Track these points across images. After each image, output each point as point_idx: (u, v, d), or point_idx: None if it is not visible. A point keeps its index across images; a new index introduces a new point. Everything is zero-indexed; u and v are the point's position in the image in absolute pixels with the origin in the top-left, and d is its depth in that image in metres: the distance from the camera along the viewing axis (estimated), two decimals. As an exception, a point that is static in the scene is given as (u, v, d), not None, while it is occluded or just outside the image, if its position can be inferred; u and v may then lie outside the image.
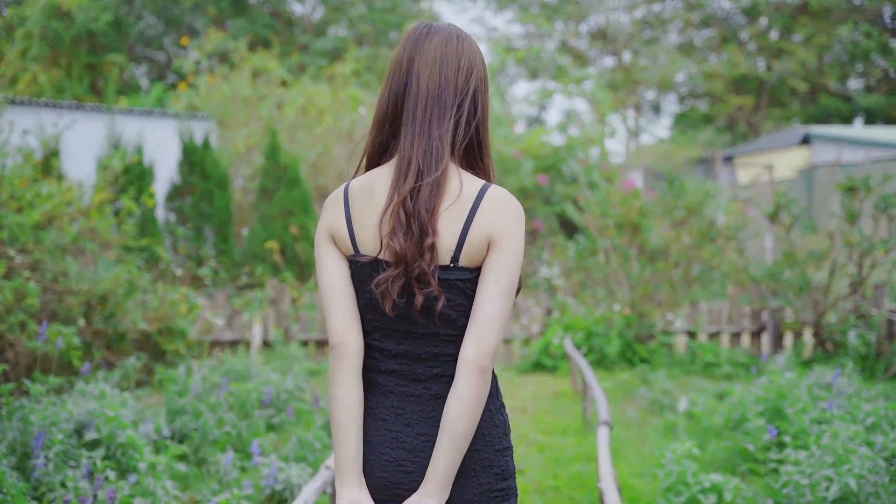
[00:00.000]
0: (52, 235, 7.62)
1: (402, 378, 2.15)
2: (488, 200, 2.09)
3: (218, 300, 9.81)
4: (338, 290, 2.15)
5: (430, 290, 2.05)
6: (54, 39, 23.87)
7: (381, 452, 2.13)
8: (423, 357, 2.13)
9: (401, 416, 2.14)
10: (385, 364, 2.16)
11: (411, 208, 2.05)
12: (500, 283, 2.05)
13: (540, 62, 30.78)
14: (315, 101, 15.46)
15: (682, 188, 9.66)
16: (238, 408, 6.25)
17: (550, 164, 17.36)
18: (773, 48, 32.46)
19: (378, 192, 2.13)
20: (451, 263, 2.07)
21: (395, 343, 2.14)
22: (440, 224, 2.06)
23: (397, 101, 2.16)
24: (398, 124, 2.16)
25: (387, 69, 2.22)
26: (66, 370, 7.57)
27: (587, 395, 6.92)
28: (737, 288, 10.32)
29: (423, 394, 2.13)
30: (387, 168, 2.17)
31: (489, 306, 2.04)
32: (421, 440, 2.11)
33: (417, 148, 2.10)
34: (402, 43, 2.20)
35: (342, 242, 2.17)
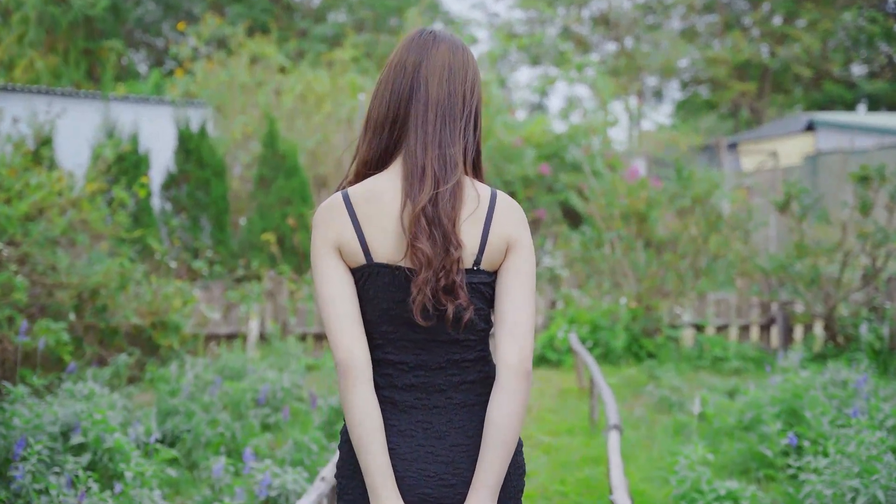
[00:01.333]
0: (41, 227, 7.37)
1: (422, 391, 2.10)
2: (501, 204, 2.11)
3: (214, 292, 9.57)
4: (342, 303, 2.07)
5: (459, 301, 2.03)
6: (51, 25, 23.59)
7: (420, 468, 2.07)
8: (442, 365, 2.10)
9: (430, 430, 2.10)
10: (402, 379, 2.10)
11: (431, 215, 2.02)
12: (528, 284, 2.08)
13: (542, 48, 30.47)
14: (314, 88, 15.18)
15: (690, 178, 9.39)
16: (232, 408, 6.02)
17: (553, 151, 17.09)
18: (776, 34, 32.12)
19: (387, 198, 2.08)
20: (475, 266, 2.07)
21: (412, 354, 2.10)
22: (463, 231, 2.05)
23: (400, 106, 2.12)
24: (402, 129, 2.12)
25: (385, 71, 2.18)
26: (57, 366, 7.35)
27: (594, 394, 6.69)
28: (745, 279, 10.06)
29: (447, 404, 2.10)
30: (390, 174, 2.11)
31: (523, 308, 2.06)
32: (457, 451, 2.08)
33: (431, 155, 2.07)
34: (405, 46, 2.18)
35: (351, 252, 2.08)
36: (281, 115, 14.52)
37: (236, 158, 14.27)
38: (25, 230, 7.37)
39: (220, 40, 21.37)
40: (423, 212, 2.02)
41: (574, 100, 31.41)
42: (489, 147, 15.97)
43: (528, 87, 26.50)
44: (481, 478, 2.02)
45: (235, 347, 8.52)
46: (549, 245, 14.71)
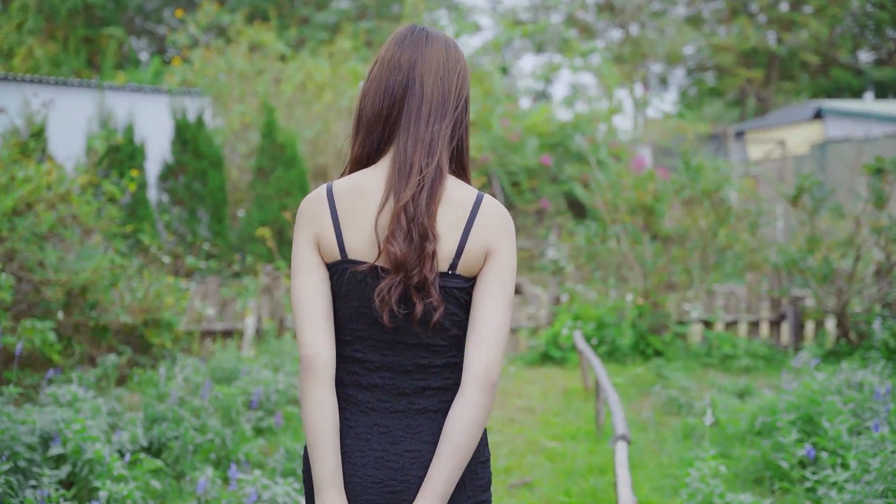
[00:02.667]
0: (28, 222, 7.12)
1: (386, 393, 2.08)
2: (486, 209, 2.07)
3: (209, 288, 9.32)
4: (314, 299, 2.06)
5: (430, 300, 2.00)
6: (51, 12, 23.34)
7: (367, 474, 2.06)
8: (409, 369, 2.07)
9: (385, 434, 2.07)
10: (367, 378, 2.08)
11: (412, 212, 2.00)
12: (503, 292, 2.05)
13: (546, 35, 30.12)
14: (314, 77, 14.89)
15: (699, 170, 9.11)
16: (223, 413, 5.77)
17: (557, 141, 16.81)
18: (784, 20, 31.74)
19: (370, 194, 2.07)
20: (450, 271, 2.04)
21: (379, 354, 2.08)
22: (439, 229, 2.02)
23: (394, 103, 2.11)
24: (394, 126, 2.11)
25: (377, 69, 2.15)
26: (45, 366, 7.11)
27: (600, 397, 6.43)
28: (754, 273, 9.79)
29: (408, 409, 2.08)
30: (377, 169, 2.10)
31: (496, 318, 2.03)
32: (408, 458, 2.06)
33: (420, 152, 2.06)
34: (397, 43, 2.16)
35: (327, 247, 2.07)
36: (280, 104, 14.25)
37: (235, 149, 14.01)
38: (12, 225, 7.12)
39: (219, 28, 21.08)
40: (404, 208, 2.00)
41: (578, 88, 31.10)
42: (491, 137, 15.69)
43: (532, 75, 26.14)
44: (428, 486, 2.01)
45: (229, 348, 8.28)
46: (553, 237, 14.45)
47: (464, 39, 19.30)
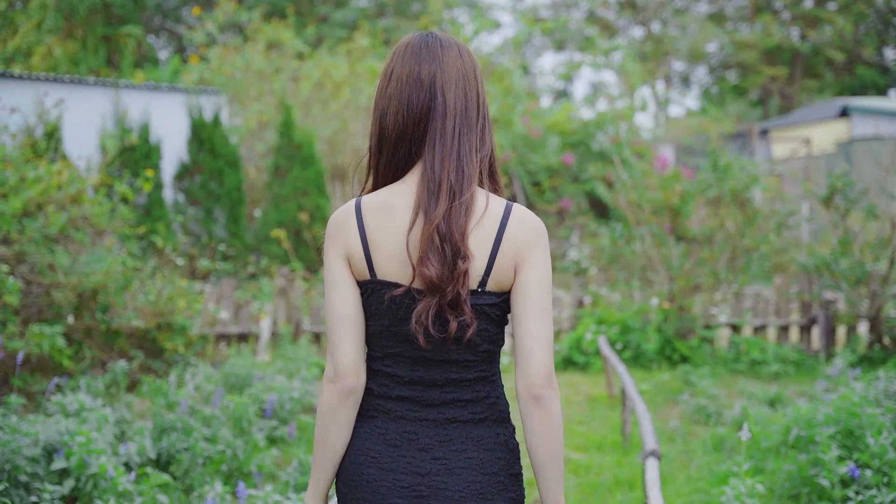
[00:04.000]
0: (38, 223, 6.94)
1: (415, 404, 2.08)
2: (513, 222, 2.04)
3: (224, 290, 9.13)
4: (350, 318, 2.06)
5: (463, 318, 2.00)
6: (69, 11, 23.22)
7: (395, 479, 2.06)
8: (439, 383, 2.07)
9: (415, 442, 2.08)
10: (397, 390, 2.08)
11: (445, 231, 1.98)
12: (541, 301, 2.03)
13: (567, 33, 29.83)
14: (332, 75, 14.69)
15: (727, 169, 8.83)
16: (234, 422, 5.56)
17: (579, 139, 16.53)
18: (808, 17, 31.31)
19: (398, 212, 2.04)
20: (479, 288, 2.03)
21: (409, 369, 2.07)
22: (471, 245, 2.00)
23: (419, 120, 2.05)
24: (420, 142, 2.06)
25: (394, 85, 2.07)
26: (56, 371, 6.93)
27: (626, 406, 6.19)
28: (783, 276, 9.50)
29: (438, 418, 2.08)
30: (403, 186, 2.06)
31: (539, 329, 2.02)
32: (436, 465, 2.07)
33: (448, 168, 2.02)
34: (413, 56, 2.08)
35: (357, 264, 2.05)
36: (297, 102, 14.06)
37: (252, 148, 13.83)
38: (21, 227, 6.95)
39: (236, 26, 20.91)
40: (437, 228, 1.97)
41: (599, 86, 30.79)
42: (512, 135, 15.44)
43: (553, 73, 25.86)
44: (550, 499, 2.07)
45: (246, 349, 8.09)
46: (574, 237, 14.19)
47: (483, 37, 19.07)
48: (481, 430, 2.09)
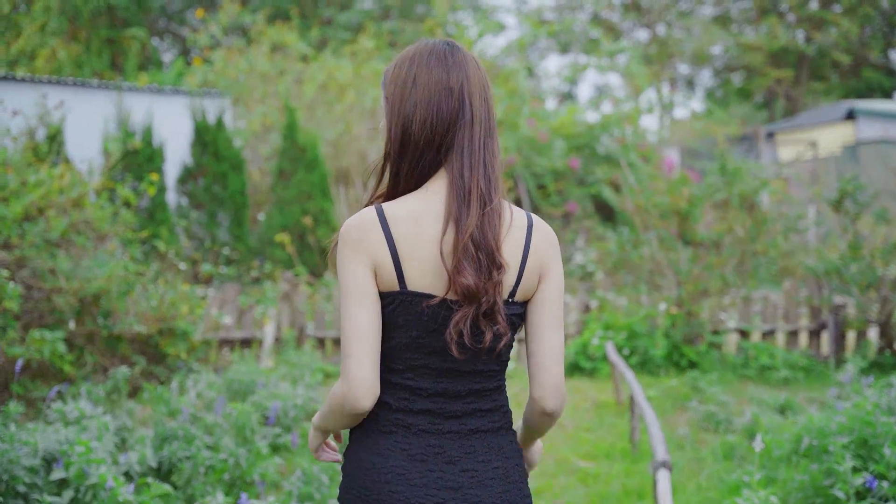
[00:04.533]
0: (39, 228, 6.86)
1: (437, 416, 2.05)
2: (538, 232, 2.09)
3: (228, 294, 9.05)
4: (375, 333, 1.99)
5: (497, 327, 2.00)
6: (73, 13, 23.18)
7: (429, 494, 2.02)
8: (462, 394, 2.05)
9: (441, 455, 2.04)
10: (418, 403, 2.04)
11: (479, 239, 1.97)
12: (558, 312, 2.08)
13: (571, 35, 29.74)
14: (336, 77, 14.61)
15: (736, 173, 8.73)
16: (237, 430, 5.47)
17: (584, 142, 16.44)
18: (814, 19, 31.19)
19: (427, 220, 2.00)
20: (510, 298, 2.05)
21: (433, 382, 2.04)
22: (504, 255, 2.01)
23: (449, 127, 2.03)
24: (448, 149, 2.04)
25: (422, 91, 2.05)
26: (57, 377, 6.86)
27: (635, 413, 6.09)
28: (792, 281, 9.40)
29: (461, 430, 2.06)
30: (427, 194, 2.03)
31: (555, 339, 2.07)
32: (466, 477, 2.04)
33: (477, 175, 2.02)
34: (440, 64, 2.07)
35: (384, 276, 1.99)
36: (301, 105, 13.98)
37: (256, 151, 13.76)
38: (22, 231, 6.87)
39: (240, 29, 20.85)
40: (471, 237, 1.96)
41: (605, 88, 30.70)
42: (517, 138, 15.34)
43: (558, 75, 25.78)
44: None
45: (247, 358, 8.00)
46: (580, 241, 14.10)
47: (488, 39, 18.97)
48: (499, 439, 2.10)
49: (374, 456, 2.04)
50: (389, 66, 2.13)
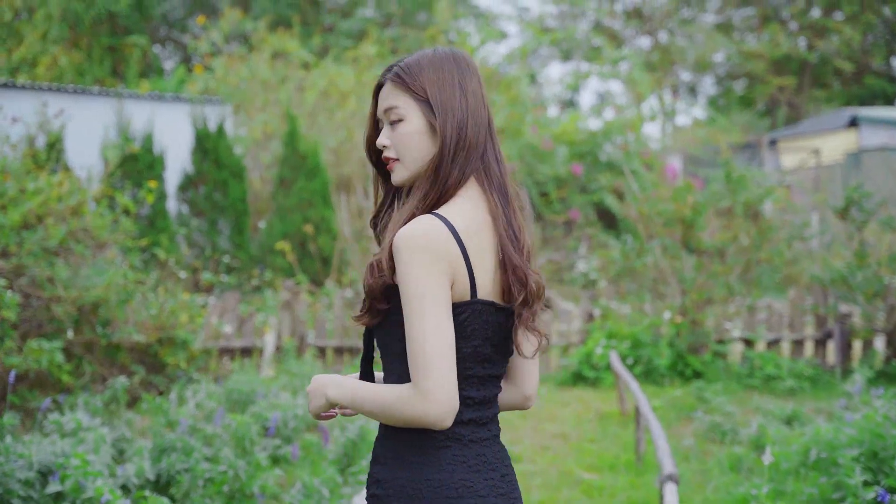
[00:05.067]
0: (37, 236, 6.79)
1: (477, 425, 2.06)
2: None
3: (228, 303, 8.98)
4: (453, 348, 1.93)
5: (537, 330, 2.06)
6: (75, 21, 23.15)
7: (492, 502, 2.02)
8: (490, 400, 2.08)
9: (486, 463, 2.05)
10: (466, 414, 2.03)
11: (525, 244, 2.06)
12: None
13: (573, 42, 29.69)
14: (337, 84, 14.55)
15: (741, 181, 8.65)
16: (237, 441, 5.39)
17: (586, 150, 16.36)
18: (816, 26, 31.15)
19: (483, 229, 2.03)
20: None
21: (477, 390, 2.05)
22: None
23: (486, 133, 2.10)
24: (484, 155, 2.09)
25: (472, 100, 2.09)
26: (56, 387, 6.78)
27: (640, 425, 6.01)
28: (797, 289, 9.32)
29: (489, 436, 2.08)
30: (471, 202, 2.05)
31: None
32: (506, 481, 2.07)
33: (506, 181, 2.10)
34: (475, 74, 2.13)
35: (459, 286, 1.98)
36: (303, 112, 13.92)
37: (257, 158, 13.70)
38: (20, 239, 6.80)
39: (242, 36, 20.81)
40: (524, 243, 2.05)
41: (606, 96, 30.64)
42: (520, 145, 15.27)
43: (560, 82, 25.72)
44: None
45: (250, 363, 7.93)
46: (583, 249, 14.02)
47: (489, 47, 18.92)
48: (500, 441, 2.15)
49: (438, 472, 2.00)
50: (419, 70, 2.10)
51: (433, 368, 1.89)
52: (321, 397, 2.08)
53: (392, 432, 2.04)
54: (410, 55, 2.15)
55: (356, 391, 2.02)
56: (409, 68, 2.10)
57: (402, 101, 2.09)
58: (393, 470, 2.03)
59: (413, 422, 1.92)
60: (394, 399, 1.94)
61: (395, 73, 2.11)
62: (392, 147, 2.10)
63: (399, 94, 2.09)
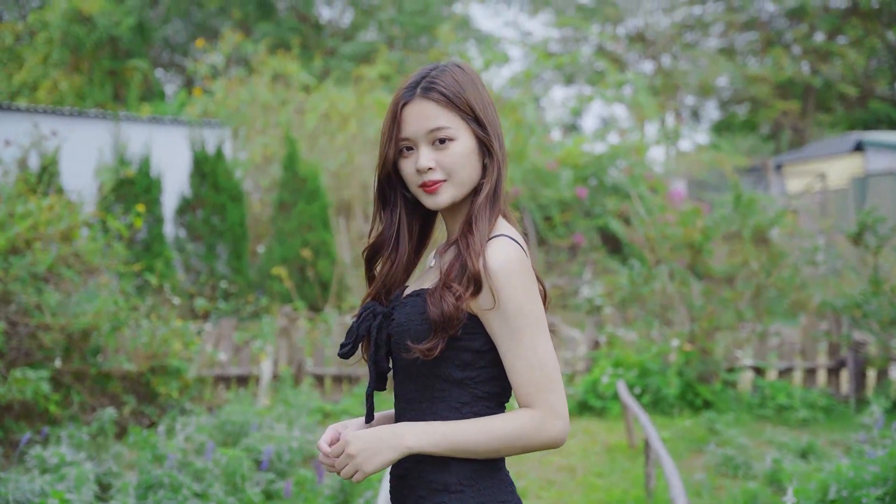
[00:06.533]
0: (25, 261, 6.56)
1: None
2: None
3: (223, 330, 8.74)
4: None
5: None
6: (75, 45, 23.08)
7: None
8: None
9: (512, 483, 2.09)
10: None
11: None
12: None
13: (577, 66, 29.56)
14: (338, 107, 14.37)
15: (750, 205, 8.42)
16: (227, 477, 5.13)
17: (591, 173, 16.15)
18: (820, 51, 31.02)
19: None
20: None
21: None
22: None
23: None
24: None
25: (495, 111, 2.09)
26: (43, 418, 6.54)
27: (650, 459, 5.75)
28: (809, 316, 9.06)
29: None
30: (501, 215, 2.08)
31: None
32: None
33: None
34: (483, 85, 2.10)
35: None
36: (303, 135, 13.73)
37: (257, 182, 13.51)
38: (7, 265, 6.57)
39: (242, 59, 20.70)
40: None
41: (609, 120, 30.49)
42: (523, 169, 15.07)
43: (564, 105, 25.56)
44: None
45: (246, 392, 7.68)
46: (587, 274, 13.78)
47: (493, 70, 18.77)
48: None
49: (507, 495, 2.01)
50: (460, 87, 2.03)
51: (558, 386, 1.93)
52: (390, 451, 1.93)
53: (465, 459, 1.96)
54: (430, 72, 2.05)
55: (449, 433, 1.93)
56: (449, 86, 2.02)
57: (450, 119, 2.01)
58: (470, 497, 1.96)
59: (544, 445, 1.93)
60: (517, 427, 1.92)
61: (438, 92, 2.01)
62: (438, 168, 2.01)
63: (445, 113, 2.01)
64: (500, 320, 1.92)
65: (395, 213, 2.12)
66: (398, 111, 2.03)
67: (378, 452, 1.91)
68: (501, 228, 2.01)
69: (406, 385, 2.05)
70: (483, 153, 2.05)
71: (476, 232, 1.97)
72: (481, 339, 1.98)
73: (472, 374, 1.98)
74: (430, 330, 1.94)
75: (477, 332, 1.97)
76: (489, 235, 1.97)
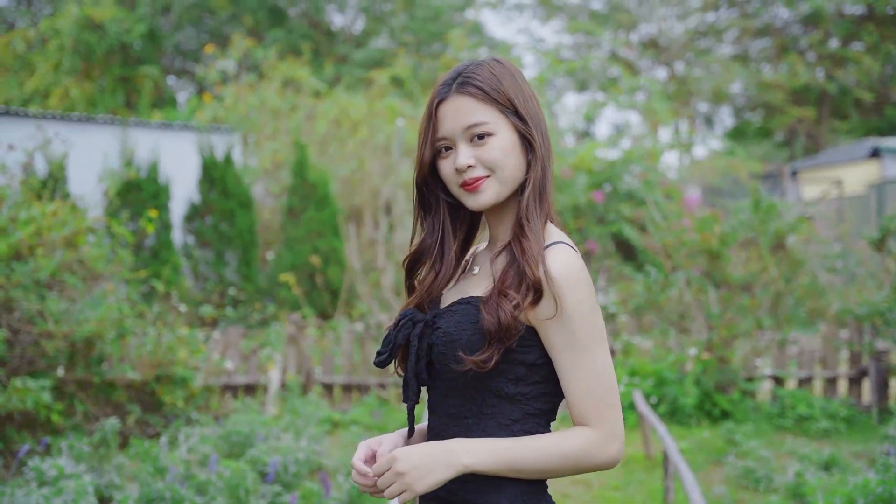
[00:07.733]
0: (27, 268, 6.42)
1: None
2: None
3: (231, 338, 8.58)
4: None
5: None
6: (87, 52, 23.06)
7: None
8: None
9: None
10: None
11: None
12: None
13: (589, 72, 29.40)
14: (349, 113, 14.22)
15: (770, 211, 8.23)
16: (231, 490, 4.97)
17: (605, 178, 15.96)
18: (835, 57, 30.78)
19: None
20: None
21: None
22: None
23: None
24: None
25: (538, 104, 1.97)
26: (44, 428, 6.39)
27: (669, 472, 5.56)
28: (830, 325, 8.85)
29: None
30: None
31: None
32: None
33: None
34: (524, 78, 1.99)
35: None
36: (313, 141, 13.58)
37: (267, 188, 13.37)
38: (9, 271, 6.43)
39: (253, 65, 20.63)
40: None
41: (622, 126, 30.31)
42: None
43: (577, 111, 25.40)
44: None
45: (253, 401, 7.52)
46: (602, 281, 13.58)
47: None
48: None
49: None
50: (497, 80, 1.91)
51: (617, 404, 1.84)
52: (446, 469, 1.80)
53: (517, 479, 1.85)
54: (467, 67, 1.94)
55: (503, 451, 1.81)
56: (486, 79, 1.90)
57: (489, 114, 1.89)
58: None
59: (599, 467, 1.84)
60: (574, 447, 1.82)
61: (475, 86, 1.90)
62: (479, 165, 1.89)
63: (483, 108, 1.89)
64: (561, 331, 1.81)
65: (437, 220, 1.99)
66: (433, 110, 1.91)
67: (432, 471, 1.78)
68: (555, 235, 1.91)
69: (449, 399, 1.91)
70: (526, 148, 1.93)
71: (530, 235, 1.86)
72: (536, 351, 1.86)
73: (524, 389, 1.87)
74: (482, 340, 1.82)
75: (532, 345, 1.85)
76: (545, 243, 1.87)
